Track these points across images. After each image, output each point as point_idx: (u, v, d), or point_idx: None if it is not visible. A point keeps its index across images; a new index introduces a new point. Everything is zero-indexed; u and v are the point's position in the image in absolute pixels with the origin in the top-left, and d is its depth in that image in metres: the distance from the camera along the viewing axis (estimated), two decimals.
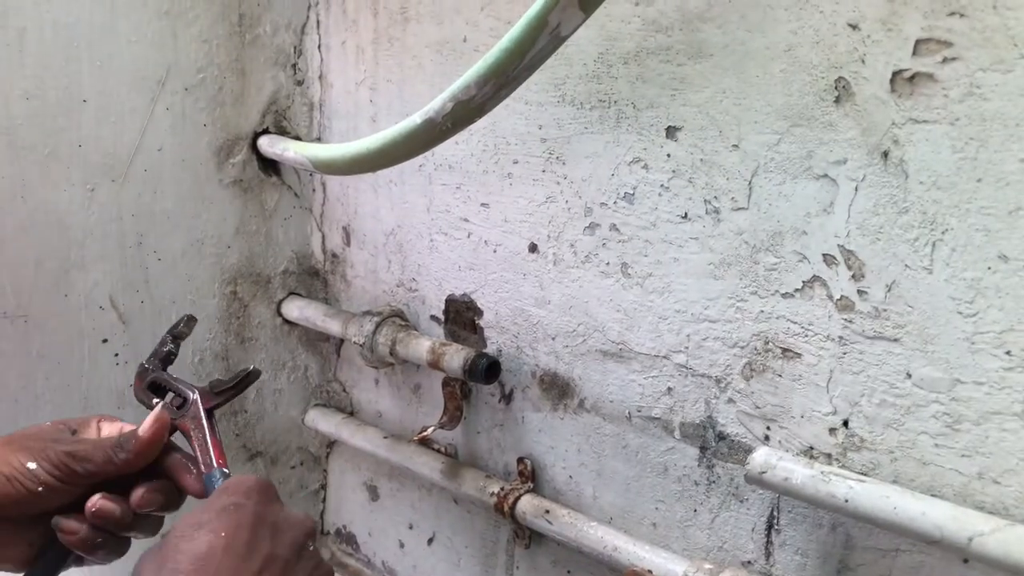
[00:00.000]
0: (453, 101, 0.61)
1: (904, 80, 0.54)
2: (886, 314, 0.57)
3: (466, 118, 0.62)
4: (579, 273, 0.74)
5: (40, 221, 0.80)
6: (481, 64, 0.60)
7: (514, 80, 0.60)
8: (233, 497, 0.49)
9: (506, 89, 0.61)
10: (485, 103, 0.61)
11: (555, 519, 0.77)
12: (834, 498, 0.56)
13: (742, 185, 0.63)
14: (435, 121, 0.63)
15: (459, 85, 0.61)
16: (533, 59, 0.59)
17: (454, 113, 0.62)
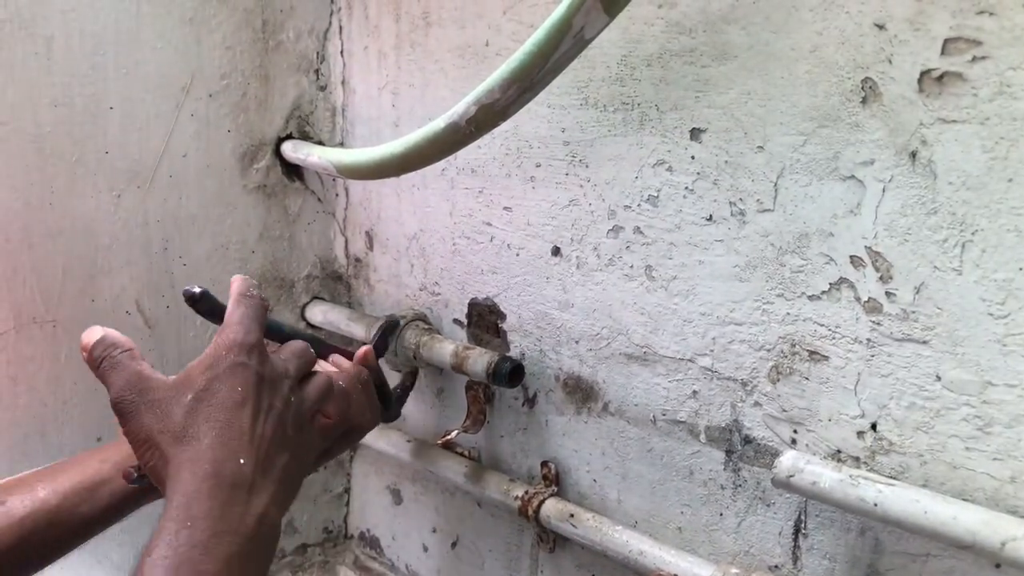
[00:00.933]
0: (477, 105, 0.62)
1: (932, 80, 0.53)
2: (915, 316, 0.57)
3: (490, 122, 0.62)
4: (603, 276, 0.74)
5: (68, 227, 0.81)
6: (505, 68, 0.60)
7: (538, 84, 0.60)
8: (239, 357, 0.54)
9: (530, 92, 0.61)
10: (509, 107, 0.61)
11: (579, 523, 0.76)
12: (863, 502, 0.56)
13: (768, 187, 0.62)
14: (459, 125, 0.63)
15: (483, 89, 0.61)
16: (557, 62, 0.59)
17: (478, 117, 0.62)
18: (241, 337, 0.55)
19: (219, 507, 0.48)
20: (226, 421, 0.52)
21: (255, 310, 0.57)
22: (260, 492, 0.51)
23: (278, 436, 0.54)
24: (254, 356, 0.55)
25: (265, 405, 0.54)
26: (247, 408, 0.53)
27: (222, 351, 0.54)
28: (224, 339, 0.55)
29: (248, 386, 0.53)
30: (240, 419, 0.52)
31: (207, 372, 0.53)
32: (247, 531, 0.49)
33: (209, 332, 0.93)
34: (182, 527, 0.46)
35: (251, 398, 0.53)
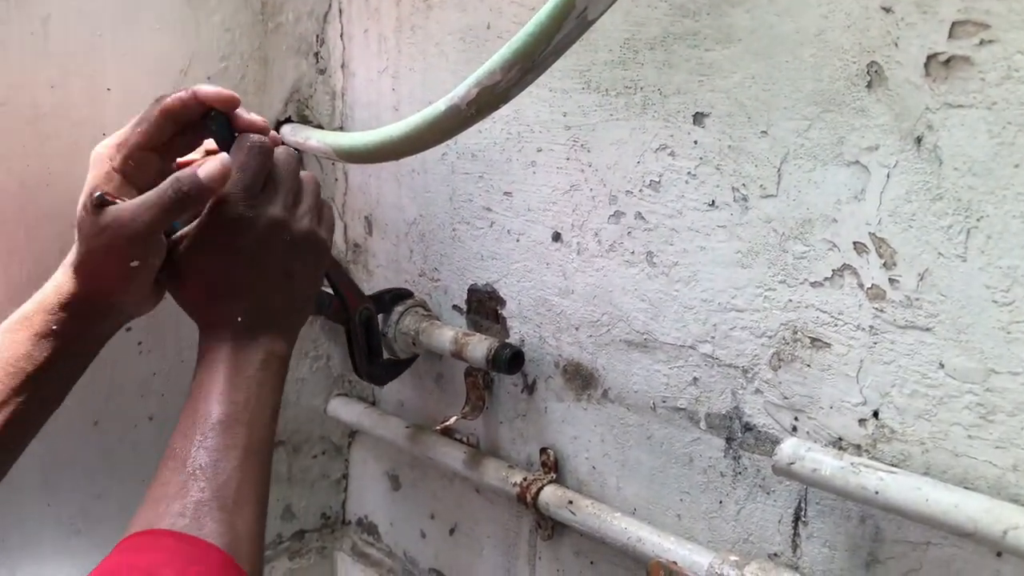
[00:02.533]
0: (478, 87, 0.61)
1: (939, 64, 0.53)
2: (918, 303, 0.56)
3: (491, 104, 0.62)
4: (603, 262, 0.74)
5: (65, 210, 0.80)
6: (506, 49, 0.59)
7: (540, 65, 0.59)
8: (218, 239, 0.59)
9: (532, 74, 0.60)
10: (510, 89, 0.60)
11: (578, 510, 0.76)
12: (864, 490, 0.55)
13: (771, 172, 0.62)
14: (460, 108, 0.62)
15: (484, 71, 0.60)
16: (559, 44, 0.58)
17: (479, 99, 0.61)
18: (227, 212, 0.59)
19: (231, 358, 0.58)
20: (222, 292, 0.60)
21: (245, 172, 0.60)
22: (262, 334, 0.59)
23: (276, 284, 0.61)
24: (233, 232, 0.59)
25: (257, 268, 0.60)
26: (238, 278, 0.60)
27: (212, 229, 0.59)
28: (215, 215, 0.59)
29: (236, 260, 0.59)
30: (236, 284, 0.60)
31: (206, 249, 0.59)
32: (256, 372, 0.58)
33: None
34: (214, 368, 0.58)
35: (241, 268, 0.60)
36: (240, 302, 0.60)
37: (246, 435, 0.56)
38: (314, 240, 0.63)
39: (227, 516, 0.52)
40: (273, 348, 0.60)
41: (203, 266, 0.60)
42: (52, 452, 0.84)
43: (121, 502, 0.90)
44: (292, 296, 0.63)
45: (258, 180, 0.60)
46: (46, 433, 0.83)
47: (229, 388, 0.57)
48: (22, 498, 0.83)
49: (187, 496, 0.52)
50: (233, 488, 0.53)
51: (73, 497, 0.88)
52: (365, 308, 0.82)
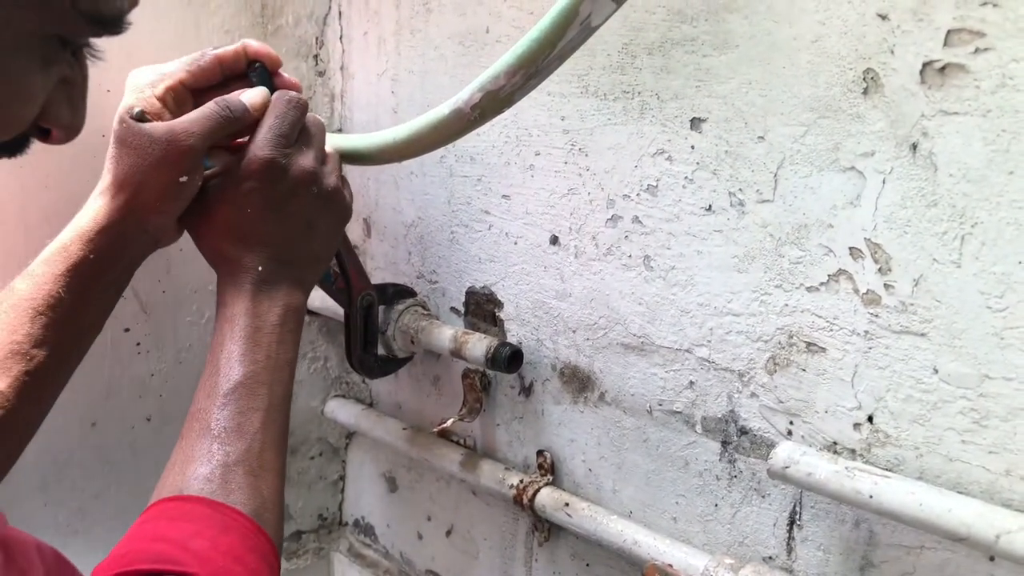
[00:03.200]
0: (482, 92, 0.61)
1: (935, 71, 0.53)
2: (913, 308, 0.56)
3: (495, 108, 0.62)
4: (601, 266, 0.74)
5: (64, 211, 0.80)
6: (511, 54, 0.59)
7: (544, 70, 0.60)
8: (250, 182, 0.60)
9: (535, 79, 0.60)
10: (514, 93, 0.61)
11: (574, 512, 0.76)
12: (859, 494, 0.56)
13: (767, 177, 0.62)
14: (463, 112, 0.62)
15: (488, 75, 0.61)
16: (563, 49, 0.58)
17: (483, 104, 0.61)
18: (261, 155, 0.61)
19: (251, 312, 0.59)
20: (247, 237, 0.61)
21: (282, 120, 0.62)
22: (281, 285, 0.61)
23: (299, 235, 0.63)
24: (266, 177, 0.60)
25: (283, 215, 0.61)
26: (264, 223, 0.61)
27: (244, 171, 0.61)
28: (248, 157, 0.61)
29: (264, 205, 0.61)
30: (260, 231, 0.61)
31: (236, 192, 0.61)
32: (275, 328, 0.59)
33: (204, 319, 0.93)
34: (234, 323, 0.59)
35: (268, 214, 0.61)
36: (263, 249, 0.61)
37: (267, 395, 0.57)
38: (340, 198, 0.65)
39: (253, 481, 0.53)
40: (291, 301, 0.61)
41: (231, 208, 0.61)
42: (50, 453, 0.85)
43: (119, 503, 0.90)
44: (312, 249, 0.64)
45: (293, 130, 0.62)
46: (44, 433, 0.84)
47: (250, 347, 0.58)
48: (20, 499, 0.83)
49: (213, 460, 0.53)
50: (257, 452, 0.55)
51: (71, 498, 0.88)
52: (368, 294, 0.83)
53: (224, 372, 0.57)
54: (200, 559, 0.48)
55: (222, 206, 0.61)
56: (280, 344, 0.59)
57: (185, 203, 0.61)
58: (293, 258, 0.63)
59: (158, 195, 0.60)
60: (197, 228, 0.63)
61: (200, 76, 0.65)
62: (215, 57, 0.66)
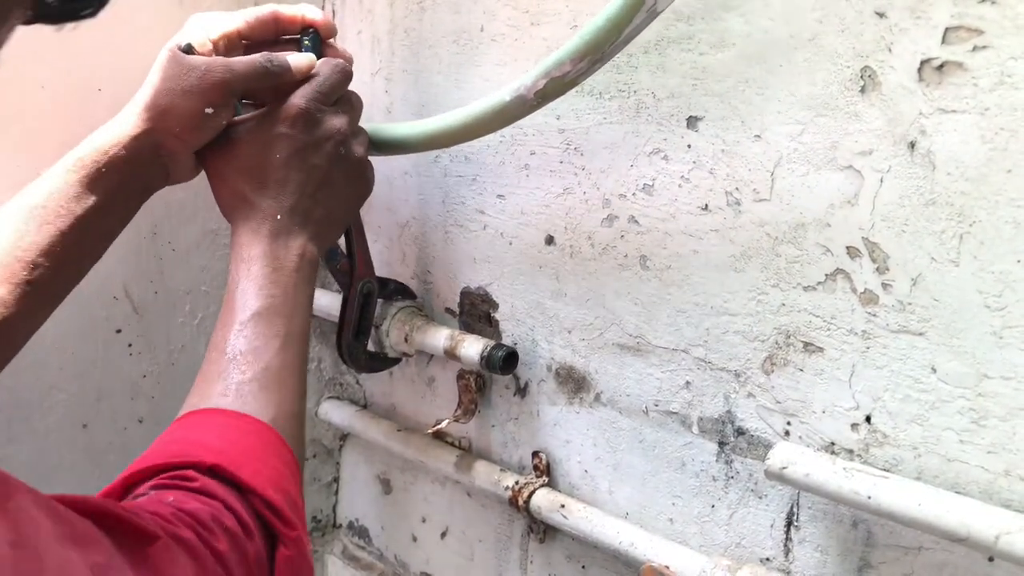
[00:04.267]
0: (547, 78, 0.62)
1: (932, 69, 0.53)
2: (911, 308, 0.56)
3: (556, 93, 0.63)
4: (596, 266, 0.74)
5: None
6: (578, 39, 0.60)
7: (608, 56, 0.61)
8: (281, 127, 0.63)
9: (599, 64, 0.62)
10: (577, 78, 0.62)
11: (570, 513, 0.76)
12: (857, 495, 0.55)
13: (764, 176, 0.62)
14: (526, 97, 0.64)
15: (553, 61, 0.62)
16: (629, 35, 0.60)
17: (546, 89, 0.63)
18: (298, 102, 0.63)
19: (269, 254, 0.60)
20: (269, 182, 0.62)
21: (326, 80, 0.65)
22: (298, 236, 0.62)
23: (318, 190, 0.64)
24: (298, 124, 0.63)
25: (308, 166, 0.63)
26: (288, 171, 0.62)
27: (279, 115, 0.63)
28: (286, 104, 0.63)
29: (290, 151, 0.62)
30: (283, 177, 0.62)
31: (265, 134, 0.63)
32: (292, 270, 0.61)
33: (196, 320, 0.92)
34: (251, 264, 0.60)
35: (293, 161, 0.62)
36: (284, 197, 0.62)
37: (284, 325, 0.58)
38: (364, 169, 0.67)
39: (268, 395, 0.54)
40: (306, 252, 0.62)
41: (258, 149, 0.62)
42: (41, 454, 0.84)
43: None
44: (331, 210, 0.65)
45: (334, 92, 0.64)
46: (34, 434, 0.83)
47: (267, 282, 0.59)
48: None
49: (228, 378, 0.54)
50: (274, 371, 0.55)
51: None
52: (369, 282, 0.82)
53: (240, 305, 0.58)
54: (213, 451, 0.48)
55: (249, 146, 0.62)
56: (295, 286, 0.60)
57: (207, 137, 0.62)
58: (311, 211, 0.63)
59: (182, 121, 0.61)
60: (219, 167, 0.64)
61: (257, 28, 0.67)
62: (274, 13, 0.68)
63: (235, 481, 0.48)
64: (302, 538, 0.50)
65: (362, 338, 0.84)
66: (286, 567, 0.48)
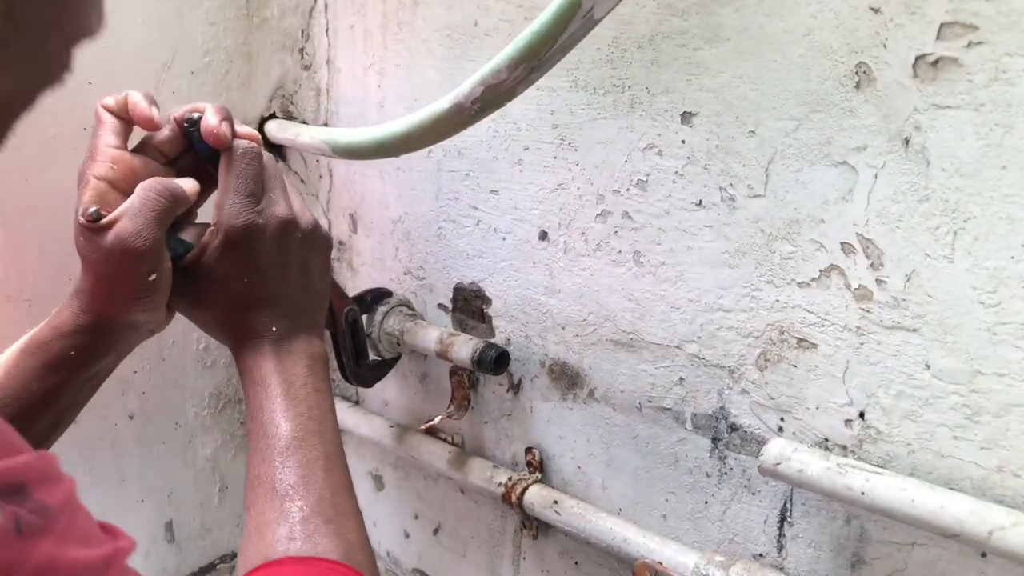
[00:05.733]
0: (483, 85, 0.60)
1: (927, 65, 0.53)
2: (905, 304, 0.56)
3: (495, 102, 0.61)
4: (590, 261, 0.73)
5: (44, 204, 0.79)
6: (512, 47, 0.59)
7: (546, 64, 0.59)
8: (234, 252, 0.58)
9: (537, 73, 0.60)
10: (515, 87, 0.60)
11: (563, 510, 0.76)
12: (850, 490, 0.55)
13: (759, 172, 0.62)
14: (464, 106, 0.62)
15: (490, 68, 0.60)
16: (565, 42, 0.58)
17: (484, 97, 0.61)
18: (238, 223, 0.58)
19: (279, 372, 0.58)
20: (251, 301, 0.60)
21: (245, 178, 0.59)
22: (298, 336, 0.60)
23: (301, 283, 0.61)
24: (248, 240, 0.59)
25: (279, 268, 0.60)
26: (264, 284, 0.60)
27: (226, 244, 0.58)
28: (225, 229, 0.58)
29: (257, 269, 0.59)
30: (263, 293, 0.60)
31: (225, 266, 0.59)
32: (307, 379, 0.59)
33: None
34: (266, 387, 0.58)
35: (265, 276, 0.59)
36: (272, 311, 0.59)
37: (321, 444, 0.56)
38: (320, 231, 0.63)
39: (334, 528, 0.52)
40: (312, 350, 0.60)
41: (227, 283, 0.59)
42: None
43: (101, 500, 0.89)
44: (313, 292, 0.63)
45: (258, 185, 0.59)
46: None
47: (289, 403, 0.57)
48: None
49: (290, 518, 0.52)
50: (329, 499, 0.53)
51: None
52: (351, 310, 0.82)
53: (272, 433, 0.55)
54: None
55: (217, 284, 0.59)
56: (316, 393, 0.58)
57: (163, 294, 0.58)
58: (301, 307, 0.61)
59: (131, 300, 0.57)
60: (196, 312, 0.61)
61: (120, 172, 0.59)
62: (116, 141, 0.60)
63: None
64: None
65: (363, 360, 0.84)
66: None
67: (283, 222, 0.60)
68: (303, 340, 0.60)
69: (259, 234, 0.58)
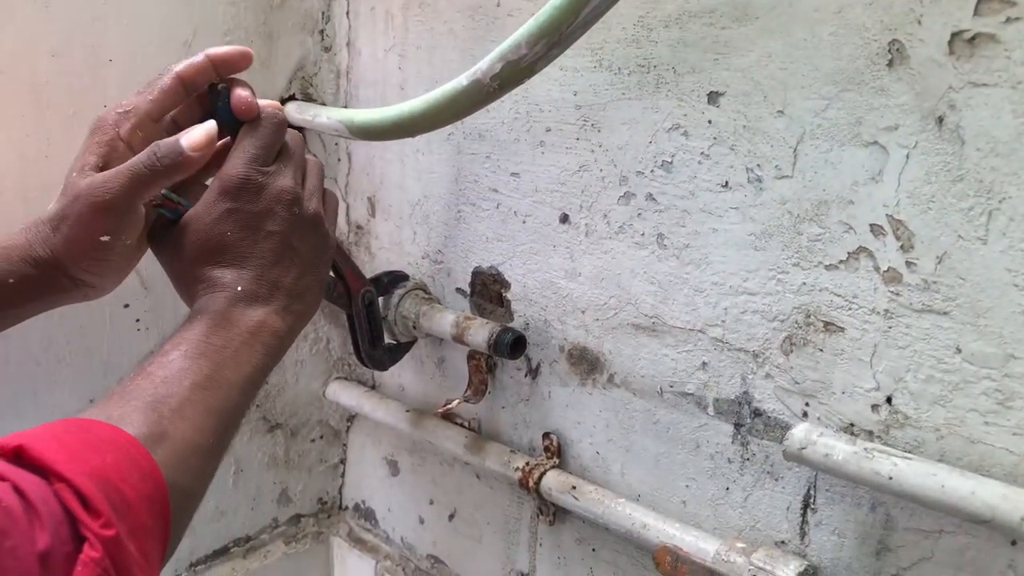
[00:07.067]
0: (502, 61, 0.59)
1: (963, 42, 0.52)
2: (936, 286, 0.55)
3: (515, 79, 0.60)
4: (612, 244, 0.73)
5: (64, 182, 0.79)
6: (533, 22, 0.57)
7: (567, 39, 0.58)
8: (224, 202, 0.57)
9: (557, 48, 0.58)
10: (536, 63, 0.59)
11: (582, 495, 0.75)
12: (878, 475, 0.54)
13: (787, 153, 0.61)
14: (482, 83, 0.61)
15: (509, 44, 0.59)
16: (587, 17, 0.57)
17: (503, 74, 0.59)
18: (235, 173, 0.57)
19: (220, 313, 0.55)
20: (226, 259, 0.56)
21: (260, 138, 0.58)
22: (262, 306, 0.56)
23: (280, 257, 0.58)
24: (242, 196, 0.57)
25: (263, 236, 0.57)
26: (243, 244, 0.57)
27: (219, 191, 0.57)
28: (222, 177, 0.57)
29: (242, 225, 0.57)
30: (240, 252, 0.57)
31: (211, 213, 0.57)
32: (242, 331, 0.55)
33: None
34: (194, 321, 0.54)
35: (247, 234, 0.57)
36: (243, 271, 0.56)
37: (210, 368, 0.52)
38: (320, 224, 0.60)
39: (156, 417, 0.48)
40: (269, 320, 0.56)
41: (207, 230, 0.56)
42: None
43: None
44: (297, 276, 0.59)
45: (272, 149, 0.58)
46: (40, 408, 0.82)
47: (207, 332, 0.53)
48: None
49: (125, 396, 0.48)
50: (174, 403, 0.49)
51: None
52: (367, 291, 0.81)
53: (167, 347, 0.52)
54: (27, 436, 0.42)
55: (198, 230, 0.56)
56: (243, 345, 0.54)
57: (117, 263, 0.57)
58: (276, 282, 0.57)
59: (83, 251, 0.55)
60: (169, 256, 0.58)
61: (165, 103, 0.58)
62: (176, 76, 0.58)
63: (39, 465, 0.41)
64: (120, 539, 0.41)
65: (378, 342, 0.83)
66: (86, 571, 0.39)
67: (283, 192, 0.58)
68: (265, 309, 0.56)
69: (254, 192, 0.57)
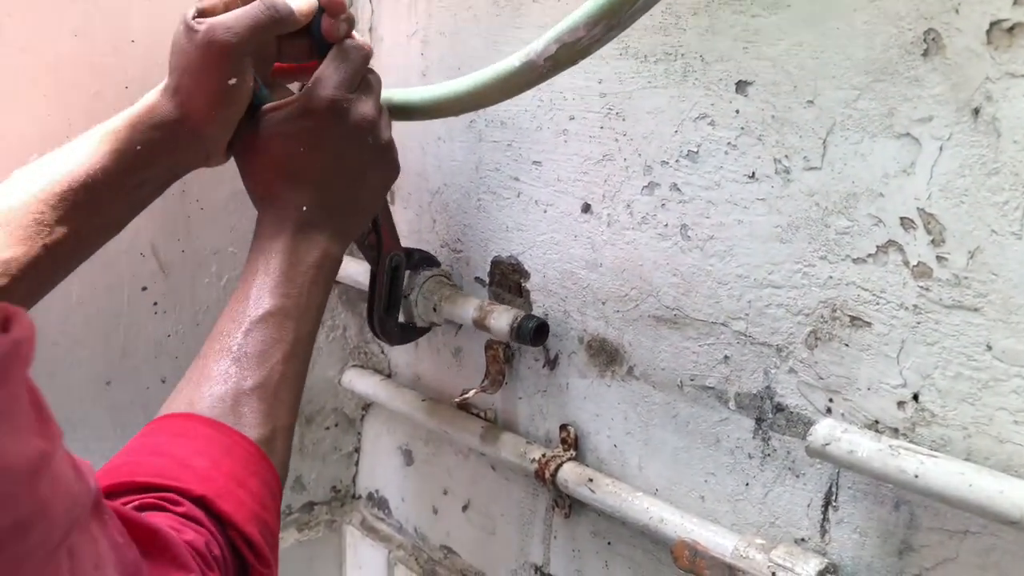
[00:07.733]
0: (558, 43, 0.58)
1: (1002, 31, 0.51)
2: (967, 282, 0.54)
3: (569, 60, 0.60)
4: (634, 235, 0.72)
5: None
6: (592, 4, 0.56)
7: (626, 21, 0.57)
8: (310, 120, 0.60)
9: (615, 31, 0.58)
10: (591, 45, 0.58)
11: (598, 488, 0.74)
12: (903, 473, 0.53)
13: (816, 144, 0.60)
14: (536, 63, 0.60)
15: (566, 26, 0.58)
16: (648, 0, 0.56)
17: (557, 55, 0.59)
18: (324, 94, 0.60)
19: (289, 250, 0.59)
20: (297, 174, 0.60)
21: (348, 64, 0.61)
22: (322, 231, 0.60)
23: (349, 181, 0.62)
24: (328, 117, 0.60)
25: (338, 157, 0.61)
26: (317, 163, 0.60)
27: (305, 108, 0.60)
28: (311, 95, 0.60)
29: (317, 145, 0.60)
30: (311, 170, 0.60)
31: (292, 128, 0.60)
32: (310, 269, 0.59)
33: (223, 282, 0.91)
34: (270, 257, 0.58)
35: (320, 155, 0.60)
36: (311, 190, 0.60)
37: (294, 330, 0.57)
38: (393, 153, 0.64)
39: (267, 409, 0.53)
40: (330, 249, 0.61)
41: (286, 142, 0.60)
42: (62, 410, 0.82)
43: None
44: (358, 200, 0.63)
45: (357, 76, 0.61)
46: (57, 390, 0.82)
47: (284, 281, 0.57)
48: None
49: (229, 382, 0.52)
50: (275, 383, 0.54)
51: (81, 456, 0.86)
52: (397, 255, 0.80)
53: (254, 300, 0.56)
54: (200, 477, 0.47)
55: (277, 140, 0.60)
56: (314, 285, 0.59)
57: (238, 111, 0.59)
58: (338, 205, 0.61)
59: (208, 101, 0.58)
60: (247, 158, 0.62)
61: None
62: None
63: (217, 513, 0.47)
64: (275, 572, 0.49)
65: (393, 311, 0.83)
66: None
67: (363, 119, 0.61)
68: (326, 236, 0.61)
69: (338, 115, 0.60)
